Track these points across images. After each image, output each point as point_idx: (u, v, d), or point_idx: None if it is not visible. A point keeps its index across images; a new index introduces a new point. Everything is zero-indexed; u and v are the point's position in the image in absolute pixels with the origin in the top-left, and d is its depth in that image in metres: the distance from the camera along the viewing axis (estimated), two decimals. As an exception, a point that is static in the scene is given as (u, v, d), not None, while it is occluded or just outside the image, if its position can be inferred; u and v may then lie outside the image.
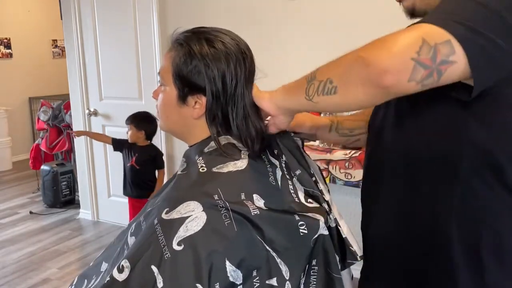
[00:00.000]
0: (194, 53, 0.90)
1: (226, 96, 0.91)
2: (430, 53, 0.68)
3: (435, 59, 0.68)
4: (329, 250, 0.89)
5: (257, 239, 0.82)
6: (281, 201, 0.90)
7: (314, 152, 2.35)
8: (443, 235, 0.86)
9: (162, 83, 0.97)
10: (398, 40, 0.69)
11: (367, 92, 0.72)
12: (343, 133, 1.12)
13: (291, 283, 0.84)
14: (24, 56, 6.12)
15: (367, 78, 0.71)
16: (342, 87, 0.75)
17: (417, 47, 0.68)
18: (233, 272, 0.79)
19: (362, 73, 0.71)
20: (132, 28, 3.39)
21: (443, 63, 0.69)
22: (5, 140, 5.68)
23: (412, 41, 0.68)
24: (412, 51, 0.68)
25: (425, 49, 0.68)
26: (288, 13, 2.79)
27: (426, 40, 0.68)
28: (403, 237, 0.93)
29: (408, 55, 0.68)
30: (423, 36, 0.68)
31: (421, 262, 0.91)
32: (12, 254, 3.27)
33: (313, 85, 0.79)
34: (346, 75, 0.75)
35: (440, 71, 0.70)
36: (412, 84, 0.70)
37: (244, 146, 0.93)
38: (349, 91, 0.75)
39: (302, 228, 0.86)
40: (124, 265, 0.80)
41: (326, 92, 0.77)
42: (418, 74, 0.69)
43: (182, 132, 0.99)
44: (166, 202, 0.86)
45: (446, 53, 0.68)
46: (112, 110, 3.63)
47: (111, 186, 3.78)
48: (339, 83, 0.76)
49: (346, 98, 0.76)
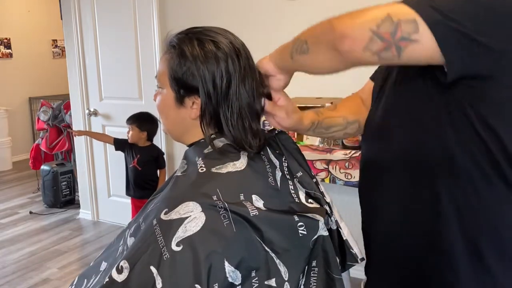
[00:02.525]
0: (186, 55, 0.90)
1: (219, 96, 0.90)
2: (391, 28, 0.72)
3: (395, 34, 0.72)
4: (329, 251, 0.89)
5: (256, 239, 0.82)
6: (281, 201, 0.90)
7: (314, 152, 2.35)
8: (445, 232, 0.87)
9: (159, 85, 0.98)
10: (365, 13, 0.75)
11: (329, 55, 0.79)
12: (320, 132, 1.14)
13: (290, 284, 0.84)
14: (24, 56, 6.12)
15: (330, 41, 0.77)
16: (312, 48, 0.83)
17: (379, 20, 0.72)
18: (232, 272, 0.79)
19: (327, 37, 0.78)
20: (132, 28, 3.39)
21: (402, 39, 0.72)
22: (5, 140, 5.68)
23: (377, 15, 0.73)
24: (373, 23, 0.73)
25: (387, 24, 0.72)
26: (289, 13, 2.79)
27: (391, 16, 0.72)
28: (406, 234, 0.93)
29: (367, 26, 0.73)
30: (389, 12, 0.73)
31: (424, 259, 0.91)
32: (12, 254, 3.27)
33: (295, 44, 0.87)
34: (316, 37, 0.82)
35: (400, 47, 0.73)
36: (367, 54, 0.75)
37: (236, 148, 0.92)
38: (317, 52, 0.82)
39: (301, 229, 0.86)
40: (123, 265, 0.80)
41: (300, 52, 0.85)
42: (374, 45, 0.73)
43: (182, 132, 0.99)
44: (165, 203, 0.86)
45: (408, 31, 0.72)
46: (112, 110, 3.63)
47: (111, 186, 3.78)
48: (310, 44, 0.83)
49: (314, 58, 0.84)
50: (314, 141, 2.45)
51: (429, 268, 0.91)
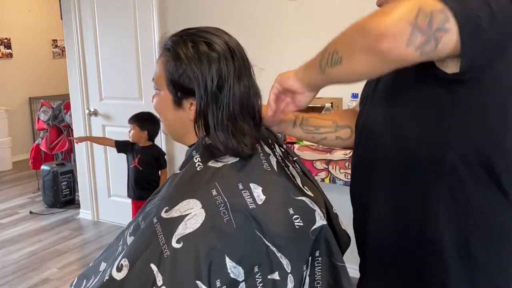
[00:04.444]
0: (181, 57, 0.90)
1: (214, 96, 0.90)
2: (427, 19, 0.70)
3: (431, 25, 0.70)
4: (330, 240, 0.90)
5: (256, 234, 0.83)
6: (279, 185, 0.90)
7: (314, 152, 2.35)
8: (434, 230, 0.88)
9: (157, 88, 0.98)
10: (395, 8, 0.72)
11: (368, 59, 0.75)
12: (308, 130, 1.13)
13: (293, 276, 0.85)
14: (24, 56, 6.12)
15: (367, 44, 0.73)
16: (345, 57, 0.78)
17: (415, 12, 0.70)
18: (234, 268, 0.79)
19: (362, 40, 0.74)
20: (132, 28, 3.39)
21: (439, 30, 0.71)
22: (5, 140, 5.68)
23: (409, 8, 0.70)
24: (411, 16, 0.70)
25: (422, 15, 0.70)
26: (289, 12, 2.79)
27: (422, 8, 0.70)
28: (397, 232, 0.95)
29: (405, 20, 0.70)
30: (419, 4, 0.70)
31: (415, 257, 0.92)
32: (12, 254, 3.27)
33: (324, 58, 0.82)
34: (348, 45, 0.78)
35: (437, 38, 0.71)
36: (410, 50, 0.71)
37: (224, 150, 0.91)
38: (352, 60, 0.77)
39: (296, 221, 0.86)
40: (123, 263, 0.81)
41: (333, 63, 0.80)
42: (417, 39, 0.70)
43: (182, 133, 0.99)
44: (165, 201, 0.87)
45: (441, 21, 0.70)
46: (112, 110, 3.63)
47: (111, 186, 3.78)
48: (343, 53, 0.78)
49: (350, 67, 0.79)
50: (314, 141, 2.45)
51: (420, 266, 0.92)
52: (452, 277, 0.89)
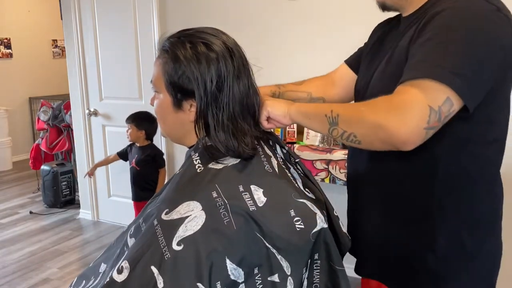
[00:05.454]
0: (180, 59, 0.90)
1: (214, 97, 0.90)
2: (437, 117, 0.81)
3: (440, 118, 0.82)
4: (329, 243, 0.89)
5: (256, 236, 0.82)
6: (280, 187, 0.90)
7: (314, 152, 2.35)
8: (429, 226, 0.95)
9: (155, 90, 0.98)
10: (410, 111, 0.81)
11: (387, 147, 0.85)
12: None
13: (293, 278, 0.85)
14: (24, 56, 6.12)
15: (389, 143, 0.84)
16: (365, 143, 0.88)
17: (427, 117, 0.80)
18: (234, 270, 0.79)
19: (384, 139, 0.84)
20: (132, 28, 3.39)
21: (446, 118, 0.83)
22: (5, 140, 5.68)
23: (422, 113, 0.80)
24: (424, 122, 0.80)
25: (433, 116, 0.81)
26: (289, 13, 2.79)
27: (432, 107, 0.80)
28: (391, 229, 1.01)
29: (421, 127, 0.81)
30: (428, 103, 0.80)
31: (410, 252, 0.98)
32: (12, 254, 3.27)
33: (336, 130, 0.90)
34: (369, 138, 0.86)
35: (444, 121, 0.84)
36: (423, 139, 0.83)
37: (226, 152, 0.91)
38: (371, 145, 0.88)
39: (298, 223, 0.86)
40: (124, 266, 0.80)
41: (350, 141, 0.89)
42: (429, 135, 0.83)
43: (182, 135, 0.99)
44: (166, 203, 0.86)
45: (447, 109, 0.82)
46: (112, 110, 3.63)
47: (111, 186, 3.78)
48: (363, 140, 0.88)
49: (368, 148, 0.90)
50: (314, 141, 2.45)
51: (416, 261, 0.96)
52: (447, 269, 0.94)
